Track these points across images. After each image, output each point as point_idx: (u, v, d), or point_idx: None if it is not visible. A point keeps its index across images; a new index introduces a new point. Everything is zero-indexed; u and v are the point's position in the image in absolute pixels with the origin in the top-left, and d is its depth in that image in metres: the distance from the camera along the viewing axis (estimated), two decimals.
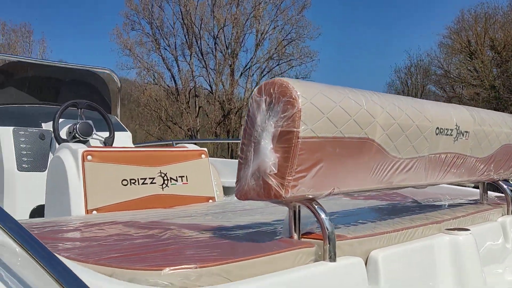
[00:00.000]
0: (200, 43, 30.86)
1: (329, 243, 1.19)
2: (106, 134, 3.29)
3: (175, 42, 30.83)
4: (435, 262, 1.52)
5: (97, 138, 3.23)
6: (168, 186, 2.55)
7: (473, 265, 1.58)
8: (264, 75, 32.29)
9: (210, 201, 2.72)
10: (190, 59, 30.77)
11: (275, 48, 31.48)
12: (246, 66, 32.28)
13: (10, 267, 0.99)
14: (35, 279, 0.94)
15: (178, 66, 30.99)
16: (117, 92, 4.44)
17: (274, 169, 1.13)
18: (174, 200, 2.52)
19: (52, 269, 0.81)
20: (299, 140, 1.10)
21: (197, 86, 31.06)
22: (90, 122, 3.22)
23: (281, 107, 1.12)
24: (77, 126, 3.09)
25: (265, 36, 31.78)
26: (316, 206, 1.23)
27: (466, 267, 1.57)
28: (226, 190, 3.58)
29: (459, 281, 1.54)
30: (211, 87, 31.33)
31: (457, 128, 1.66)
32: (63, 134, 3.14)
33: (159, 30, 30.48)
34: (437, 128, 1.57)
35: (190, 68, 30.79)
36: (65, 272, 0.81)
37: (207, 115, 30.91)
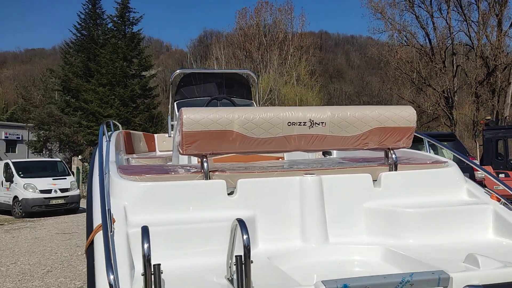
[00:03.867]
0: None
1: (204, 172, 2.71)
2: None
3: None
4: (285, 191, 2.71)
5: None
6: None
7: (314, 198, 2.69)
8: None
9: (280, 159, 4.20)
10: (448, 13, 28.24)
11: None
12: None
13: None
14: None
15: (433, 23, 28.94)
16: (256, 85, 6.50)
17: (179, 142, 2.71)
18: (254, 158, 3.92)
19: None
20: (184, 132, 2.64)
21: (455, 43, 28.36)
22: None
23: (179, 120, 2.66)
24: None
25: None
26: (204, 159, 2.73)
27: (308, 198, 2.69)
28: None
29: (301, 205, 2.69)
30: (472, 43, 28.08)
31: (311, 121, 2.77)
32: None
33: None
34: (289, 122, 2.74)
35: (448, 24, 28.32)
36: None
37: (466, 74, 27.99)
